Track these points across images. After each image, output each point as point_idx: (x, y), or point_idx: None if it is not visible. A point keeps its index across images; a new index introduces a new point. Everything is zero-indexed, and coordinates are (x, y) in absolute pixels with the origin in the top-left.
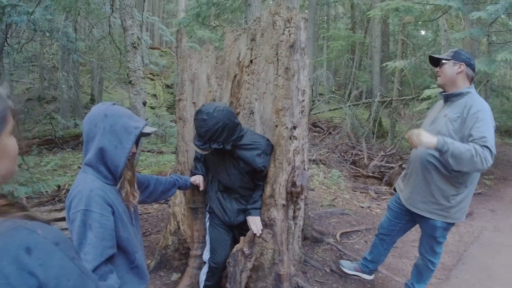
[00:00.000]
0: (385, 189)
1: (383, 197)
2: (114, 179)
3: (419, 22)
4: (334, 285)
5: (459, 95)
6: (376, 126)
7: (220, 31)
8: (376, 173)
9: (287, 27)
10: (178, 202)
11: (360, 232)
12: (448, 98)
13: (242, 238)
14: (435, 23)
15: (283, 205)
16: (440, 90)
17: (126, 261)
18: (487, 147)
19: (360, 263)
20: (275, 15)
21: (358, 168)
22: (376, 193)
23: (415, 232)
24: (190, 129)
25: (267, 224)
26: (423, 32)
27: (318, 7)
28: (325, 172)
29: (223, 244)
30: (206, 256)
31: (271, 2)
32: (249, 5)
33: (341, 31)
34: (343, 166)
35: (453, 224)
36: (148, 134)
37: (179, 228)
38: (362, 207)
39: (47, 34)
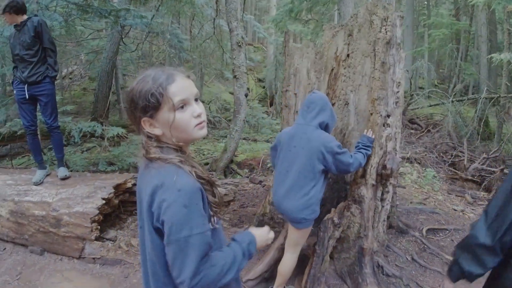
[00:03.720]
0: (483, 194)
1: (479, 203)
2: None
3: None
4: (413, 272)
5: None
6: (482, 126)
7: (312, 24)
8: (475, 177)
9: (384, 26)
10: None
11: (448, 231)
12: None
13: (333, 209)
14: None
15: (373, 185)
16: None
17: None
18: None
19: None
20: (372, 15)
21: (456, 171)
22: (472, 198)
23: None
24: (293, 115)
25: (356, 201)
26: None
27: None
28: (419, 171)
29: None
30: None
31: None
32: None
33: (444, 18)
34: (440, 167)
35: None
36: None
37: None
38: (455, 209)
39: (161, 35)
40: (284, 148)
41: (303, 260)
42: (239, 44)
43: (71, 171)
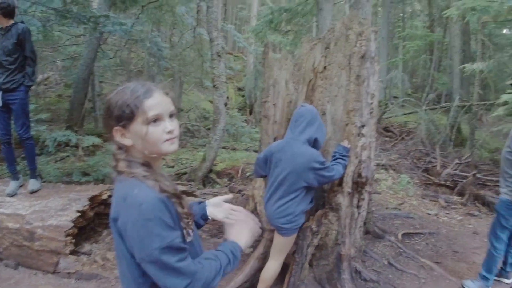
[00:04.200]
0: (456, 198)
1: (452, 207)
2: None
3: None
4: (390, 276)
5: None
6: (454, 133)
7: (291, 35)
8: (448, 182)
9: (359, 40)
10: (257, 186)
11: (422, 235)
12: None
13: (311, 217)
14: None
15: (349, 193)
16: None
17: None
18: None
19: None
20: (348, 29)
21: (430, 176)
22: (446, 202)
23: (478, 240)
24: (272, 125)
25: (334, 208)
26: (505, 31)
27: (393, 5)
28: (394, 178)
29: None
30: None
31: (343, 2)
32: (321, 9)
33: (418, 29)
34: (414, 173)
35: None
36: None
37: (256, 208)
38: (429, 214)
39: (140, 42)
40: (273, 160)
41: (283, 269)
42: (219, 54)
43: (44, 181)
